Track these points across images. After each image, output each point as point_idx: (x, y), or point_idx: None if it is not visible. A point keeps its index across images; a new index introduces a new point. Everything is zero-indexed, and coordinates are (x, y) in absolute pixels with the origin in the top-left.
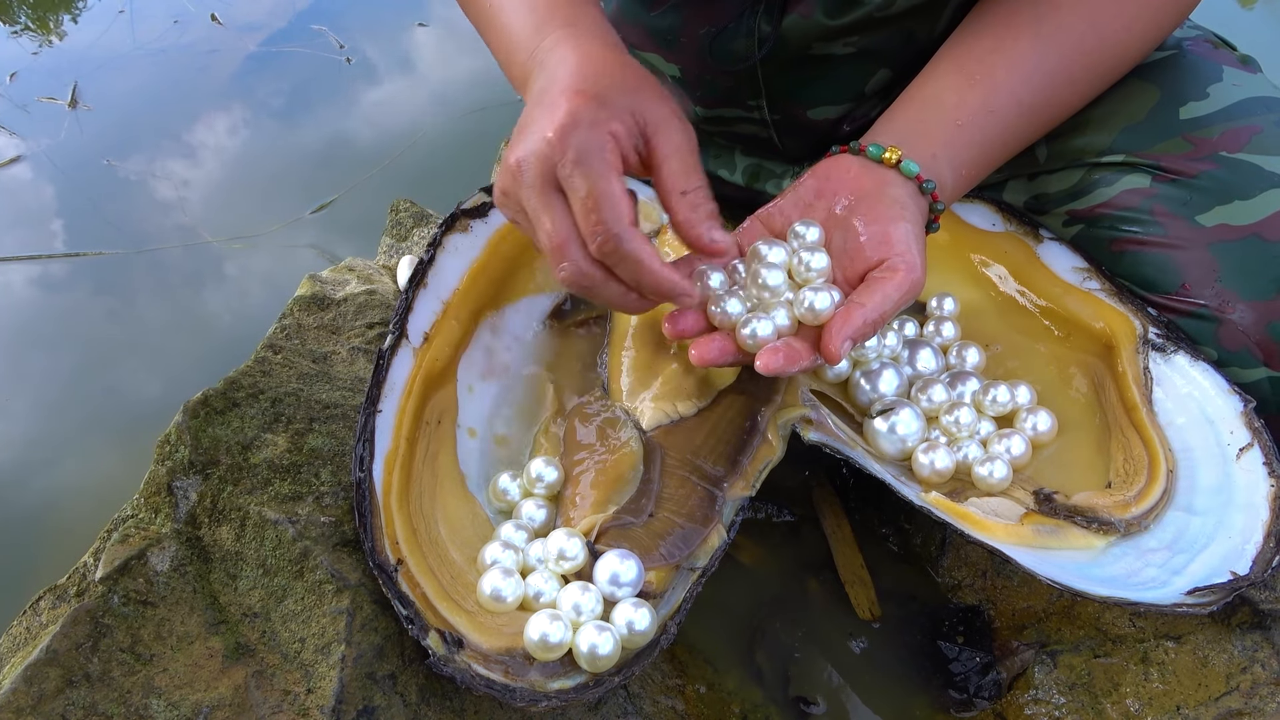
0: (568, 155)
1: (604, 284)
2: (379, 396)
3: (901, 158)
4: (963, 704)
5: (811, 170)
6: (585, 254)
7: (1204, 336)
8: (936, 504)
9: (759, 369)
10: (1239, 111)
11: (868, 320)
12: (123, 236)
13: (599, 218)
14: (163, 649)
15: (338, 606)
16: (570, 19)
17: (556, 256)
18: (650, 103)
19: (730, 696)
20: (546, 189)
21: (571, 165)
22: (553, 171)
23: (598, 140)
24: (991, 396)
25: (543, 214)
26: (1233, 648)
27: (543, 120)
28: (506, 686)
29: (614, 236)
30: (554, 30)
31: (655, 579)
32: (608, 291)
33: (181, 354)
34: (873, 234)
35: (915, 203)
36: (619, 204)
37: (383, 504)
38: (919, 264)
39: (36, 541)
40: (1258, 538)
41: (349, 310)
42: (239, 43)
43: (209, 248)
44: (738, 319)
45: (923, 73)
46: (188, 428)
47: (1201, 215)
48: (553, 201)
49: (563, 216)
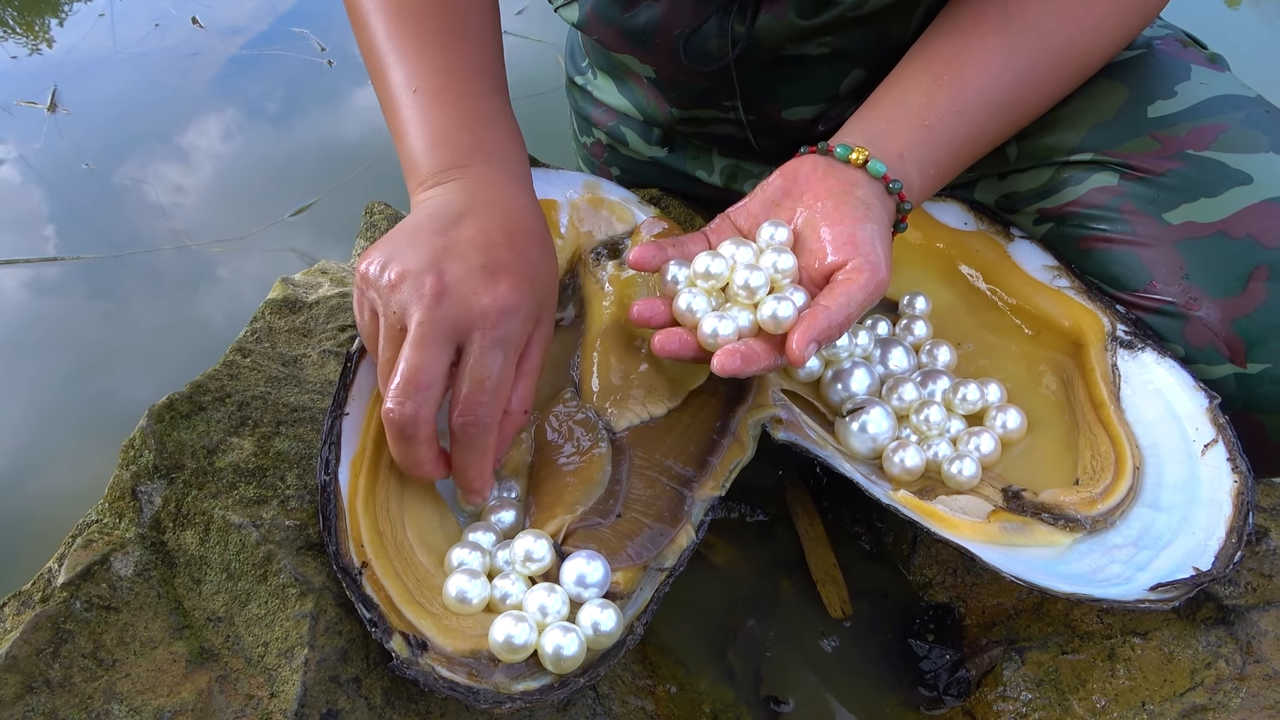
0: (497, 332)
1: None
2: (346, 399)
3: (868, 158)
4: (932, 702)
5: (779, 170)
6: (431, 409)
7: (1171, 333)
8: (904, 502)
9: (714, 369)
10: (1206, 110)
11: (832, 323)
12: (102, 240)
13: (486, 401)
14: (125, 654)
15: (301, 610)
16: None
17: (407, 390)
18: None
19: (701, 697)
20: (448, 337)
21: (494, 344)
22: (468, 331)
23: (522, 335)
24: (962, 395)
25: (425, 351)
26: (1198, 643)
27: (487, 276)
28: (470, 688)
29: (485, 426)
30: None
31: (623, 580)
32: (413, 452)
33: (174, 357)
34: (838, 235)
35: (881, 203)
36: (502, 398)
37: (348, 507)
38: (883, 264)
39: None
40: (1220, 534)
41: (321, 313)
42: (220, 46)
43: (202, 251)
44: (699, 317)
45: (891, 74)
46: (152, 432)
47: (1168, 213)
48: (442, 350)
49: (443, 365)
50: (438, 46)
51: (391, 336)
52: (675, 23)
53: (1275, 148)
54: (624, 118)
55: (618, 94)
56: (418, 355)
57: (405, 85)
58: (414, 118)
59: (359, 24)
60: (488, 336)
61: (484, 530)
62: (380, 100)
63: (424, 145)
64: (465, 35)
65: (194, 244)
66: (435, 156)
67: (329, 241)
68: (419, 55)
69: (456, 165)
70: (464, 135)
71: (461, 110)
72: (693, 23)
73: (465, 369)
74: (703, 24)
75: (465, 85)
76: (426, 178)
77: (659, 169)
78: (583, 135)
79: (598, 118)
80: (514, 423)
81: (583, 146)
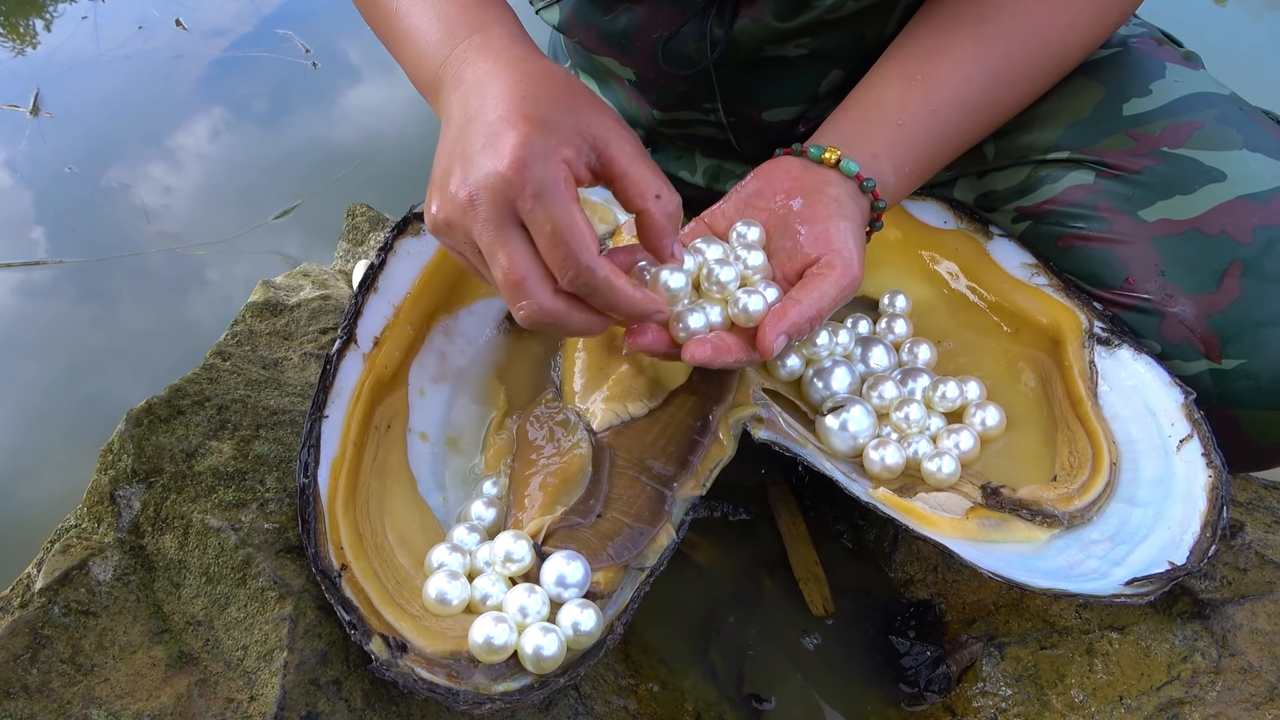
0: (527, 190)
1: (567, 316)
2: (325, 402)
3: (841, 157)
4: (913, 698)
5: (754, 173)
6: (547, 289)
7: (1147, 330)
8: (883, 500)
9: (684, 359)
10: (1181, 108)
11: (803, 315)
12: (86, 244)
13: (567, 251)
14: (104, 659)
15: (280, 613)
16: (480, 23)
17: (516, 293)
18: (593, 116)
19: (684, 695)
20: (505, 224)
21: (532, 200)
22: (512, 206)
23: (554, 171)
24: (941, 392)
25: (499, 250)
26: (1174, 637)
27: (491, 150)
28: (449, 690)
29: (585, 269)
30: (465, 37)
31: (603, 579)
32: (571, 322)
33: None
34: (811, 232)
35: (854, 201)
36: (585, 235)
37: (327, 509)
38: (856, 261)
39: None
40: (1195, 528)
41: (302, 316)
42: (204, 48)
43: (191, 254)
44: (670, 311)
45: (867, 76)
46: (130, 436)
47: (1144, 210)
48: (511, 236)
49: (522, 252)
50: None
51: (479, 259)
52: (654, 26)
53: (1248, 145)
54: None
55: (600, 96)
56: (496, 263)
57: None
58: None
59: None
60: (526, 197)
61: (465, 529)
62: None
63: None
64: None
65: (177, 247)
66: (443, 48)
67: (318, 243)
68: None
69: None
70: (470, 15)
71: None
72: (671, 26)
73: (534, 239)
74: (681, 27)
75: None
76: (438, 69)
77: None
78: None
79: None
80: (661, 209)
81: None
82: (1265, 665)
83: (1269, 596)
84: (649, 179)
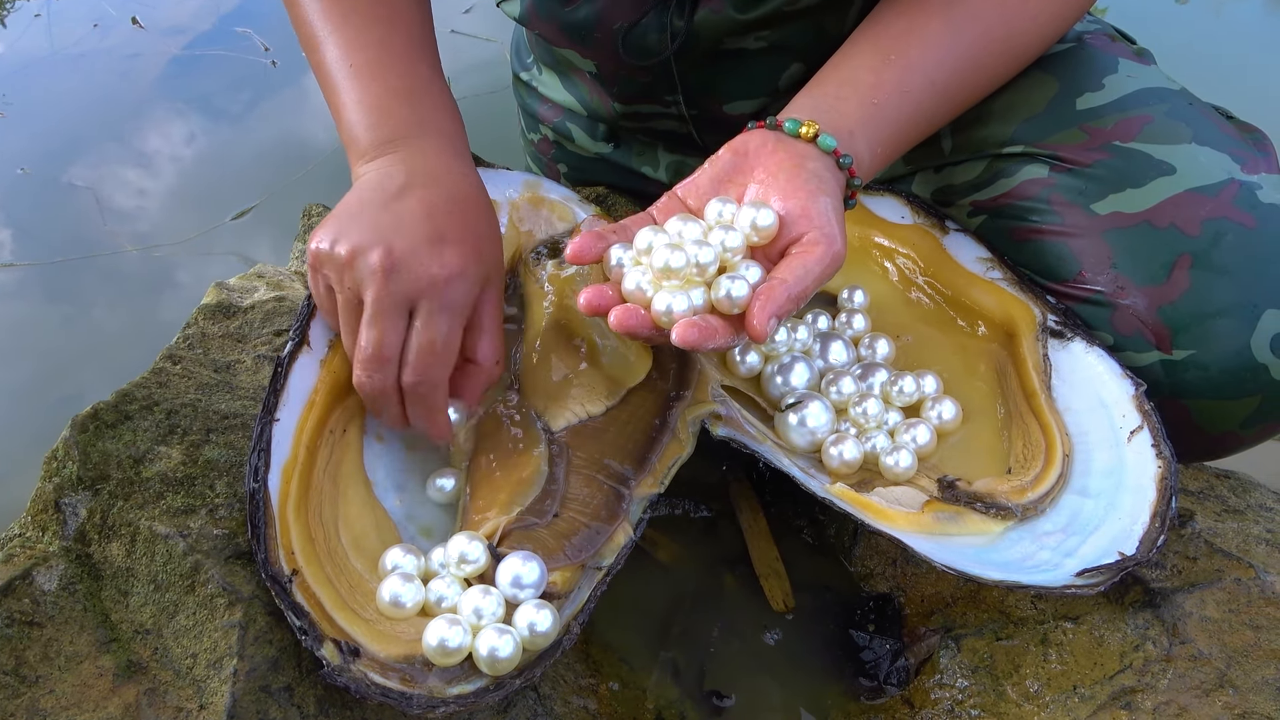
0: (443, 298)
1: (393, 404)
2: (276, 405)
3: (818, 131)
4: (873, 691)
5: (728, 145)
6: (395, 375)
7: (1100, 322)
8: (840, 495)
9: (675, 341)
10: (1132, 102)
11: (790, 295)
12: (41, 245)
13: (433, 364)
14: (49, 670)
15: (230, 620)
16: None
17: (375, 365)
18: (496, 259)
19: (645, 694)
20: (402, 306)
21: (441, 311)
22: (417, 300)
23: (468, 298)
24: (899, 387)
25: (385, 323)
26: (1126, 626)
27: (435, 249)
28: (403, 694)
29: (434, 384)
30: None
31: (560, 579)
32: (391, 410)
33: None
34: (791, 208)
35: (833, 177)
36: (450, 358)
37: (278, 514)
38: (839, 237)
39: None
40: (1144, 518)
41: (256, 318)
42: (161, 46)
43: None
44: (651, 295)
45: (838, 53)
46: (75, 442)
47: (1096, 203)
48: (400, 318)
49: (400, 335)
50: (371, 23)
51: (350, 311)
52: (614, 17)
53: (1197, 139)
54: (569, 114)
55: (562, 90)
56: (378, 329)
57: (342, 60)
58: (352, 92)
59: (291, 2)
60: (435, 302)
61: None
62: (317, 76)
63: (363, 119)
64: (396, 13)
65: (133, 249)
66: (374, 130)
67: (284, 243)
68: (353, 31)
69: (396, 138)
70: (401, 108)
71: (398, 84)
72: (631, 17)
73: (413, 334)
74: (641, 18)
75: (400, 60)
76: (366, 150)
77: (606, 165)
78: (530, 132)
79: (544, 114)
80: (486, 374)
81: (530, 143)
82: (1214, 652)
83: (1218, 584)
84: (496, 345)
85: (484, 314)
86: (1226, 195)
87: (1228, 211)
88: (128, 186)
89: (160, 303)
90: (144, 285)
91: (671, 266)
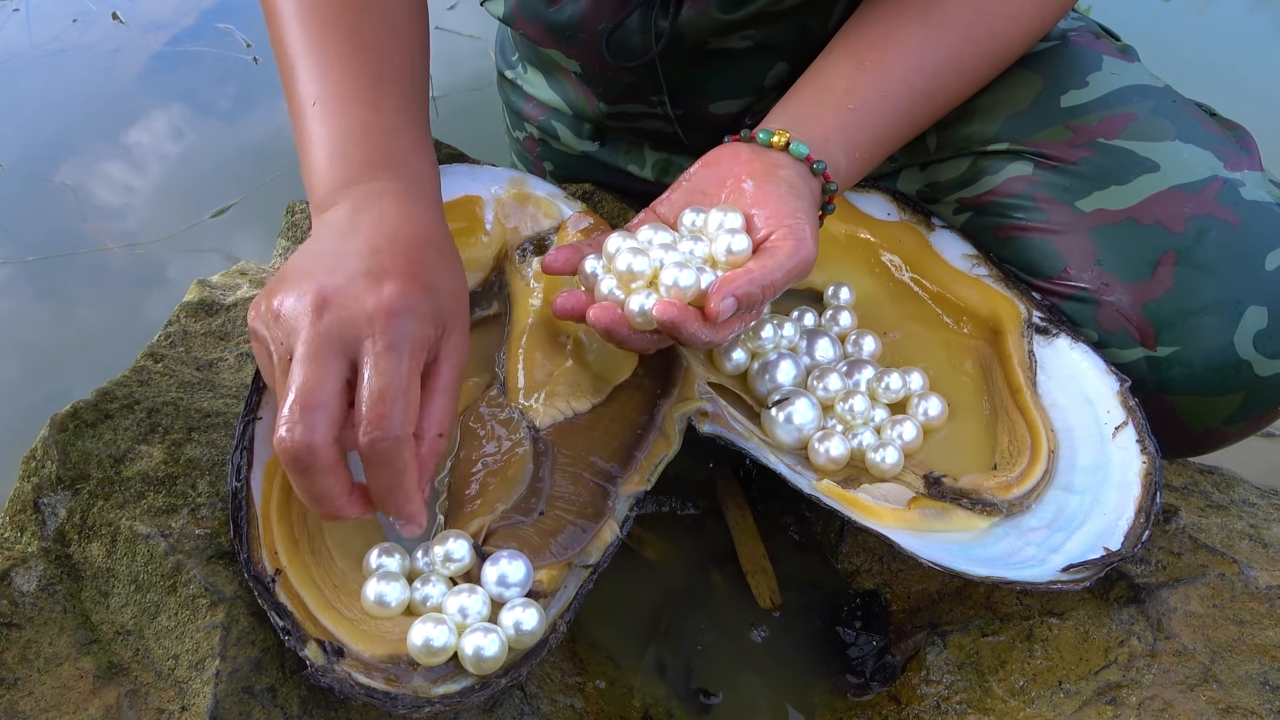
0: (389, 336)
1: (320, 470)
2: (259, 403)
3: (790, 140)
4: (860, 688)
5: (701, 159)
6: (330, 432)
7: (1084, 318)
8: (827, 492)
9: (654, 315)
10: (1116, 99)
11: (754, 283)
12: (21, 242)
13: (391, 410)
14: (29, 672)
15: (212, 621)
16: (401, 155)
17: (300, 414)
18: (459, 311)
19: (632, 692)
20: (337, 349)
21: (388, 348)
22: (356, 341)
23: (422, 339)
24: (885, 384)
25: (311, 367)
26: (1111, 622)
27: (373, 282)
28: (387, 694)
29: (397, 439)
30: (367, 160)
31: (546, 578)
32: (317, 479)
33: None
34: (763, 212)
35: (806, 183)
36: (413, 409)
37: (261, 513)
38: (809, 239)
39: None
40: (1129, 514)
41: (239, 316)
42: (142, 42)
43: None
44: (623, 298)
45: (816, 61)
46: (55, 442)
47: (1081, 201)
48: (331, 361)
49: (334, 382)
50: (345, 51)
51: (284, 369)
52: (598, 17)
53: (1181, 136)
54: (555, 112)
55: (548, 88)
56: (304, 372)
57: (306, 99)
58: (311, 134)
59: (271, 23)
60: (380, 341)
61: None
62: (289, 112)
63: (319, 164)
64: (376, 39)
65: (114, 247)
66: (330, 174)
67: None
68: (322, 62)
69: (350, 183)
70: (359, 150)
71: (356, 125)
72: (616, 17)
73: (361, 382)
74: (626, 19)
75: (367, 95)
76: (322, 199)
77: (591, 164)
78: (515, 130)
79: (529, 112)
80: (432, 449)
81: (516, 141)
82: (1199, 647)
83: (1202, 580)
84: (448, 413)
85: (439, 372)
86: (1210, 192)
87: (1211, 209)
88: (110, 183)
89: (145, 300)
90: (128, 282)
91: (634, 270)
